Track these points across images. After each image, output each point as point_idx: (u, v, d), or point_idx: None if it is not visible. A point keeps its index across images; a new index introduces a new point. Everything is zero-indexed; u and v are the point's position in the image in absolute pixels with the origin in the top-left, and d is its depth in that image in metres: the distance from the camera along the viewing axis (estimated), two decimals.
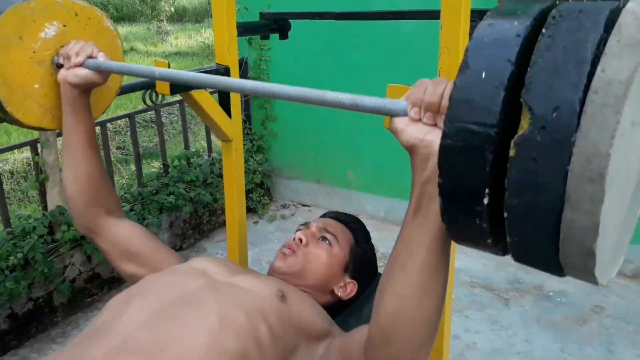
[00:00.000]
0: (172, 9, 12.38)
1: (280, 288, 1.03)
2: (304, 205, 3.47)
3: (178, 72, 1.00)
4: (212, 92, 2.24)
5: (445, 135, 0.56)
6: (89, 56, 1.09)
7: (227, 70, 1.35)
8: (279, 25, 1.51)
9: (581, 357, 2.03)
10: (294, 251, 1.18)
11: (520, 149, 0.50)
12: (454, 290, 2.50)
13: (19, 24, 1.07)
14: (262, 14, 1.52)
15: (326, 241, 1.22)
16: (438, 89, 0.67)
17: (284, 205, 3.49)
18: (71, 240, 2.25)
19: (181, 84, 1.19)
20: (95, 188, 1.16)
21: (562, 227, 0.48)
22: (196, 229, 3.03)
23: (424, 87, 0.69)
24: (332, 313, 1.15)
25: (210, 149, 3.21)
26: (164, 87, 1.19)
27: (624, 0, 0.49)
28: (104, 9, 11.93)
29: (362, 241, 1.32)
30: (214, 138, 3.41)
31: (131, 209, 2.55)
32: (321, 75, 3.09)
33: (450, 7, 0.95)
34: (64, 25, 1.15)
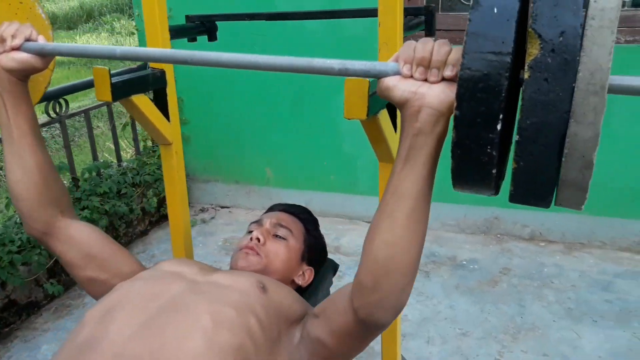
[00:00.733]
0: None
1: (259, 280, 1.08)
2: (223, 207, 3.46)
3: (143, 49, 0.98)
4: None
5: (463, 67, 0.62)
6: (28, 39, 1.01)
7: (163, 73, 1.35)
8: (206, 28, 1.53)
9: (498, 315, 2.27)
10: (256, 251, 1.23)
11: (534, 71, 0.57)
12: None
13: None
14: (188, 17, 1.53)
15: (281, 238, 1.28)
16: (427, 46, 0.73)
17: (202, 210, 3.45)
18: None
19: (151, 59, 1.17)
20: (47, 183, 1.08)
21: (567, 143, 0.57)
22: None
23: (412, 46, 0.74)
24: None
25: (119, 158, 3.10)
26: (104, 93, 1.17)
27: None
28: None
29: (312, 229, 1.40)
30: (123, 145, 3.29)
31: None
32: (232, 74, 3.10)
33: (387, 6, 1.05)
34: None
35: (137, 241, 3.08)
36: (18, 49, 1.00)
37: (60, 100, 2.56)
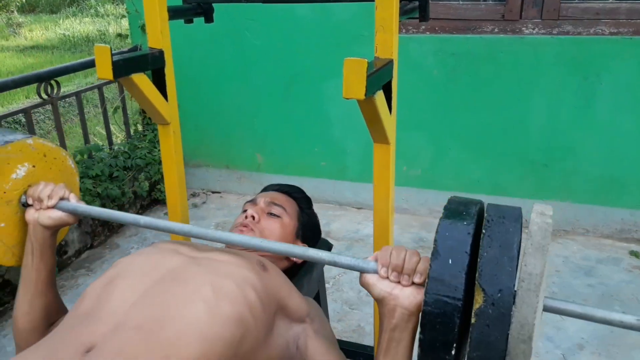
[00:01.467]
0: None
1: (259, 259, 1.11)
2: (214, 192, 3.48)
3: (163, 222, 1.13)
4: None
5: (425, 304, 0.77)
6: (62, 198, 1.16)
7: (162, 53, 1.37)
8: (203, 9, 1.55)
9: None
10: (251, 228, 1.26)
11: (479, 318, 0.73)
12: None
13: None
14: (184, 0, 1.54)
15: (275, 216, 1.32)
16: (400, 255, 0.89)
17: (193, 194, 3.47)
18: None
19: (155, 57, 1.32)
20: (47, 319, 1.17)
21: None
22: (105, 225, 2.92)
23: (389, 252, 0.90)
24: (290, 276, 1.25)
25: (110, 142, 3.10)
26: (106, 70, 1.19)
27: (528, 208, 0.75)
28: None
29: (306, 207, 1.43)
30: (113, 130, 3.29)
31: None
32: (222, 60, 3.10)
33: None
34: (33, 166, 1.20)
35: (130, 225, 3.09)
36: (53, 207, 1.15)
37: (52, 82, 2.56)
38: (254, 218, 1.27)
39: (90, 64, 2.79)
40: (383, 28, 1.12)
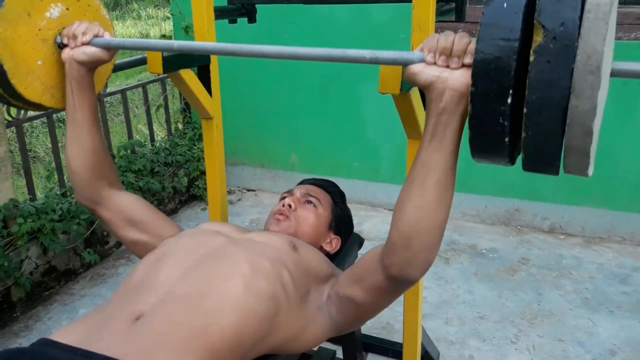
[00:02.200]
0: None
1: (290, 240, 1.18)
2: (249, 190, 3.57)
3: (199, 44, 1.09)
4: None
5: (477, 51, 0.73)
6: (96, 35, 1.16)
7: None
8: (247, 10, 1.62)
9: (516, 301, 2.33)
10: (287, 216, 1.32)
11: (538, 55, 0.68)
12: None
13: (28, 1, 1.13)
14: (230, 0, 1.62)
15: (311, 204, 1.37)
16: (449, 38, 0.84)
17: (229, 192, 3.57)
18: (28, 232, 2.22)
19: (202, 55, 1.33)
20: (98, 161, 1.23)
21: (569, 113, 0.67)
22: None
23: (436, 38, 0.85)
24: None
25: (152, 138, 3.22)
26: (156, 66, 1.27)
27: None
28: None
29: (340, 201, 1.48)
30: (155, 128, 3.42)
31: None
32: (261, 61, 3.19)
33: None
34: (67, 8, 1.22)
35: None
36: (88, 44, 1.15)
37: None
38: (290, 206, 1.33)
39: (138, 62, 2.90)
40: (420, 27, 1.16)
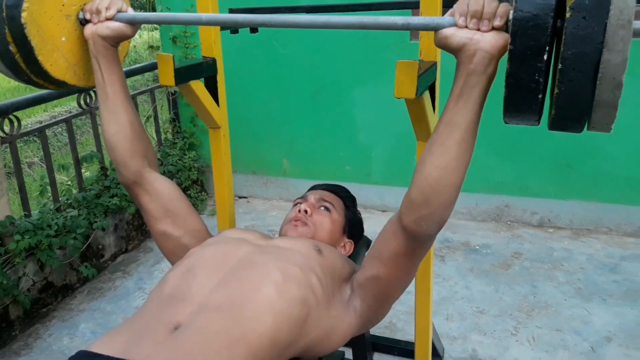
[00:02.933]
0: None
1: (315, 244, 1.20)
2: (241, 197, 3.57)
3: (226, 15, 1.10)
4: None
5: (516, 10, 0.76)
6: (119, 10, 1.16)
7: (214, 61, 1.47)
8: None
9: (512, 295, 2.39)
10: (304, 222, 1.35)
11: (574, 11, 0.71)
12: None
13: None
14: (231, 10, 1.64)
15: (326, 209, 1.40)
16: (479, 1, 0.87)
17: None
18: (25, 249, 2.20)
19: (210, 65, 1.36)
20: (138, 136, 1.23)
21: (601, 68, 0.71)
22: (139, 230, 3.03)
23: (466, 2, 0.88)
24: None
25: None
26: (168, 78, 1.29)
27: None
28: None
29: (351, 206, 1.52)
30: None
31: (78, 214, 2.51)
32: (252, 69, 3.21)
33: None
34: None
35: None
36: (111, 19, 1.15)
37: (91, 92, 2.67)
38: (307, 212, 1.36)
39: (131, 73, 2.90)
40: (427, 33, 1.21)
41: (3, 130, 2.20)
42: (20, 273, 2.24)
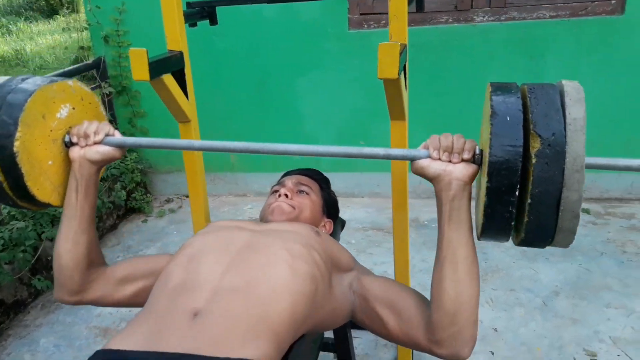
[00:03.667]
0: None
1: (313, 228, 1.25)
2: (187, 196, 3.52)
3: (220, 143, 1.19)
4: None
5: (491, 155, 0.90)
6: (107, 134, 1.19)
7: (182, 55, 1.46)
8: (208, 12, 1.64)
9: None
10: (287, 204, 1.39)
11: (539, 158, 0.87)
12: (354, 235, 2.87)
13: (43, 104, 1.15)
14: (189, 3, 1.64)
15: (304, 192, 1.45)
16: (448, 138, 1.04)
17: (168, 200, 3.50)
18: None
19: (177, 59, 1.31)
20: (90, 254, 1.21)
21: (562, 203, 0.86)
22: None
23: (437, 138, 1.04)
24: None
25: None
26: (143, 72, 1.27)
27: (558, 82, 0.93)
28: None
29: (326, 187, 1.58)
30: None
31: (25, 226, 2.39)
32: (192, 63, 3.16)
33: None
34: (73, 108, 1.25)
35: (109, 235, 3.09)
36: (100, 142, 1.18)
37: None
38: (287, 196, 1.40)
39: (64, 75, 2.76)
40: (397, 17, 1.28)
41: None
42: None
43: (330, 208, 1.53)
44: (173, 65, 1.42)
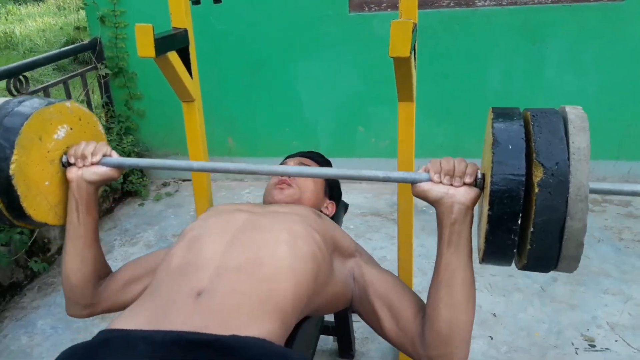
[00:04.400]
0: None
1: (313, 210, 1.24)
2: (185, 180, 3.50)
3: (219, 164, 1.17)
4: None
5: (492, 183, 0.89)
6: (105, 154, 1.19)
7: (187, 32, 1.44)
8: None
9: None
10: (289, 184, 1.38)
11: (542, 188, 0.86)
12: (353, 220, 2.87)
13: (40, 126, 1.15)
14: None
15: None
16: (450, 162, 1.02)
17: (164, 184, 3.47)
18: None
19: (183, 36, 1.39)
20: (98, 269, 1.22)
21: (565, 232, 0.85)
22: None
23: (439, 162, 1.03)
24: None
25: None
26: (148, 49, 1.25)
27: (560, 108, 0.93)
28: None
29: None
30: None
31: None
32: None
33: None
34: (71, 128, 1.25)
35: (105, 219, 3.07)
36: (97, 163, 1.17)
37: (21, 77, 2.49)
38: (289, 176, 1.38)
39: (60, 56, 2.73)
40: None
41: None
42: None
43: (333, 189, 1.52)
44: (178, 42, 1.40)
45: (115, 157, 1.20)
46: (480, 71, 2.92)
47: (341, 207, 1.66)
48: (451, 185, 1.00)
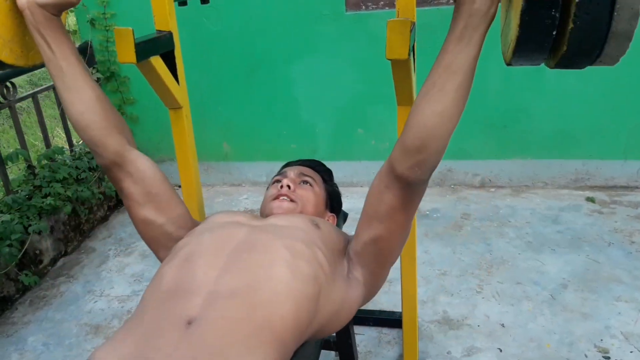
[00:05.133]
0: None
1: (310, 219, 1.15)
2: (180, 186, 3.41)
3: None
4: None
5: None
6: None
7: (171, 35, 1.35)
8: None
9: (469, 254, 2.47)
10: (290, 197, 1.29)
11: None
12: (353, 224, 2.78)
13: None
14: None
15: (307, 184, 1.35)
16: None
17: None
18: None
19: (167, 39, 1.19)
20: (107, 111, 1.11)
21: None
22: (77, 230, 2.81)
23: None
24: None
25: (71, 143, 2.96)
26: (129, 55, 1.17)
27: None
28: None
29: (329, 179, 1.48)
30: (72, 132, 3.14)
31: (11, 219, 2.28)
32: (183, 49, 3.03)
33: None
34: None
35: (100, 227, 2.99)
36: None
37: (8, 83, 2.41)
38: (289, 187, 1.30)
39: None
40: None
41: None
42: None
43: (334, 202, 1.44)
44: (162, 46, 1.32)
45: None
46: (481, 71, 2.82)
47: (341, 218, 1.57)
48: None
